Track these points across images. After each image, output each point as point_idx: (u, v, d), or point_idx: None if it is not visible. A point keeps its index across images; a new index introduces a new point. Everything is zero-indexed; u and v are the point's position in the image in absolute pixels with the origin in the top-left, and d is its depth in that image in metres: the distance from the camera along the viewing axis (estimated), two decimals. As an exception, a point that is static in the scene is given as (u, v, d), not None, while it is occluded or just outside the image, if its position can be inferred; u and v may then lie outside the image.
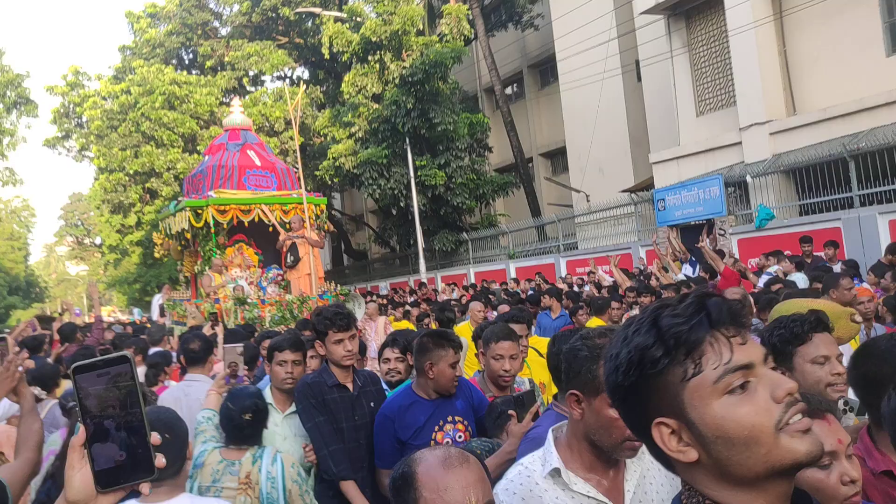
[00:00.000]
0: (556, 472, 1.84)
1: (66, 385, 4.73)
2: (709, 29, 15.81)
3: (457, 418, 3.36)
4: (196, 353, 4.63)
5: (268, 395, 3.73)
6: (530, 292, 12.16)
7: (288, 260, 12.29)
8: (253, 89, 30.31)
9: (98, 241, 43.75)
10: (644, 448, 1.72)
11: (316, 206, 13.13)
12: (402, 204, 22.96)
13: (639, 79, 19.89)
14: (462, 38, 23.39)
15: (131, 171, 25.73)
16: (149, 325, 11.23)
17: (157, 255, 15.65)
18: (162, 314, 13.40)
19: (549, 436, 1.95)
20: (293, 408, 3.71)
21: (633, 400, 1.07)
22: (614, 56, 20.31)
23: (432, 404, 3.38)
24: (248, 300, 11.47)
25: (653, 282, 10.01)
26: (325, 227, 13.58)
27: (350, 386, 3.62)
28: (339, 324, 3.51)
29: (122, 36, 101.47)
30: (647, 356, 1.03)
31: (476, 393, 3.56)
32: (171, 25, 29.47)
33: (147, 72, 26.06)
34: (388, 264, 29.03)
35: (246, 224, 12.49)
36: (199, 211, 12.14)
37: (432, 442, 3.26)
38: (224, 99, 28.52)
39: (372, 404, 3.64)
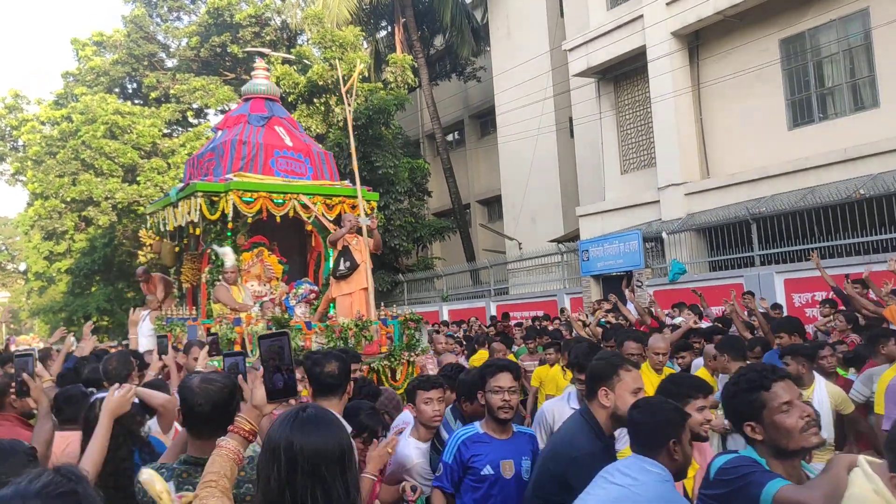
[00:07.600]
0: None
1: None
2: (634, 95, 17.05)
3: None
4: (335, 377, 3.43)
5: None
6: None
7: (341, 267, 8.89)
8: (197, 122, 30.55)
9: (22, 266, 42.45)
10: None
11: (367, 202, 9.85)
12: (340, 243, 23.39)
13: (571, 135, 21.06)
14: (406, 86, 24.26)
15: (68, 199, 25.48)
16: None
17: (143, 258, 12.11)
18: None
19: None
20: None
21: None
22: (550, 113, 21.51)
23: None
24: (291, 323, 8.22)
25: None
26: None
27: None
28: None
29: (65, 62, 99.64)
30: None
31: None
32: (117, 55, 29.51)
33: (90, 100, 26.03)
34: (323, 302, 29.20)
35: (278, 219, 9.35)
36: (215, 199, 8.99)
37: None
38: (166, 130, 28.67)
39: None
